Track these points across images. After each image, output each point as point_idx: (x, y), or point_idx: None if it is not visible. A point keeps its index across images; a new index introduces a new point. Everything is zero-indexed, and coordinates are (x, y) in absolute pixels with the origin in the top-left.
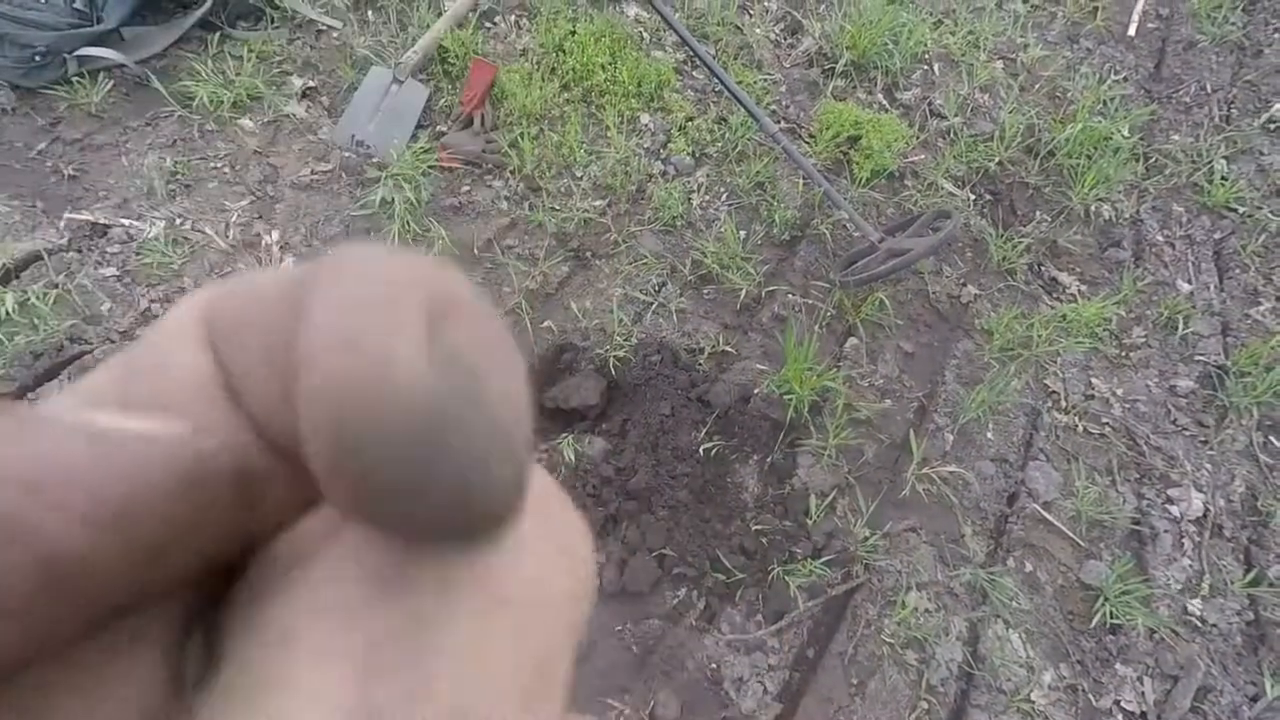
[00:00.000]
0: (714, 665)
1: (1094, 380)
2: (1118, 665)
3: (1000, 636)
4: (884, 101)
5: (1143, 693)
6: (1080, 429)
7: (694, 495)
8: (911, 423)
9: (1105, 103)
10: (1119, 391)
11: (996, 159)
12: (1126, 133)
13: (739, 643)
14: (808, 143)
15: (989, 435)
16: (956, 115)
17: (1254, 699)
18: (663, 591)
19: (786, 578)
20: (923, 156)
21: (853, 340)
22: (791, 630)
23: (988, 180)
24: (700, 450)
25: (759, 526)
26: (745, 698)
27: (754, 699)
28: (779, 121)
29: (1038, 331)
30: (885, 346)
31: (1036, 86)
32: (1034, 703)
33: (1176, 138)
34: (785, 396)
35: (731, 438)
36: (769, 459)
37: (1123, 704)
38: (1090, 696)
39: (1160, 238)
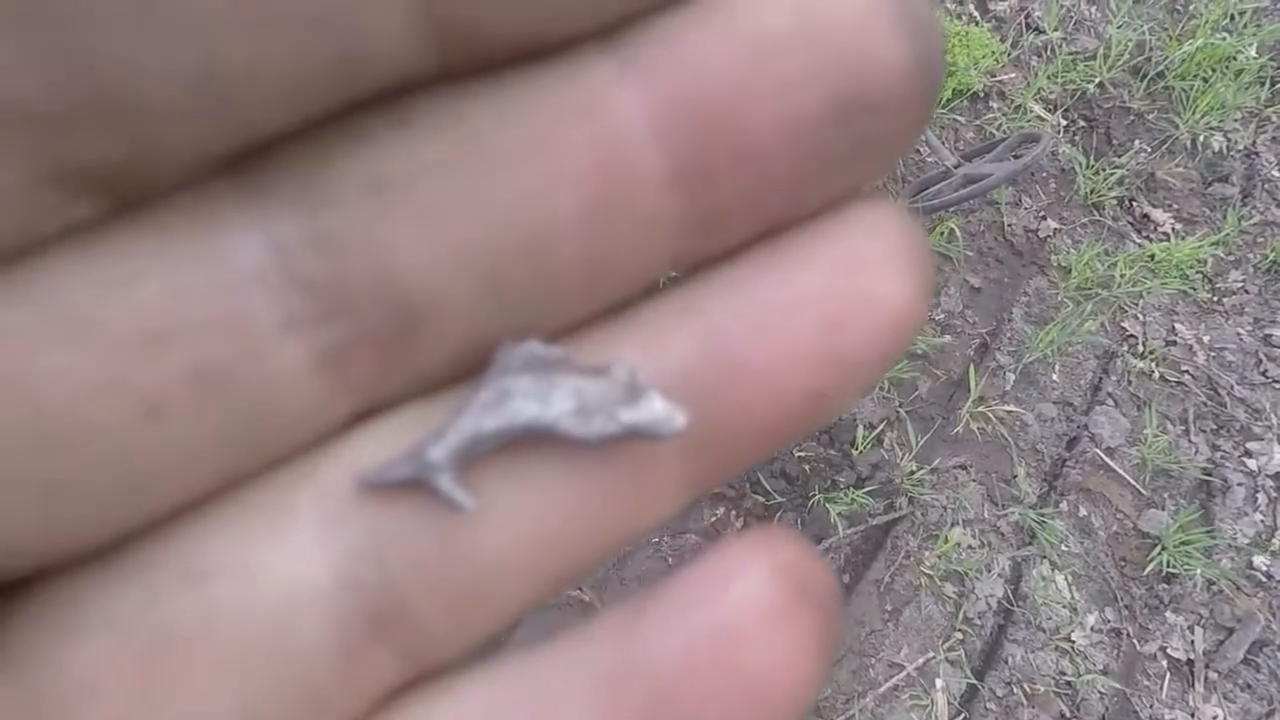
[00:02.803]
0: None
1: (1178, 325)
2: (1168, 613)
3: (1045, 577)
4: (975, 12)
5: (1192, 641)
6: (1157, 375)
7: None
8: (972, 359)
9: (1233, 17)
10: (1205, 338)
11: (1096, 80)
12: (1254, 53)
13: None
14: None
15: (1054, 377)
16: (1056, 29)
17: None
18: (701, 509)
19: (827, 505)
20: (1013, 75)
21: None
22: (828, 555)
23: (1083, 104)
24: None
25: (802, 453)
26: None
27: None
28: None
29: (1121, 271)
30: (951, 280)
31: None
32: (1074, 642)
33: None
34: None
35: None
36: None
37: (1169, 650)
38: (1135, 641)
39: (1276, 173)
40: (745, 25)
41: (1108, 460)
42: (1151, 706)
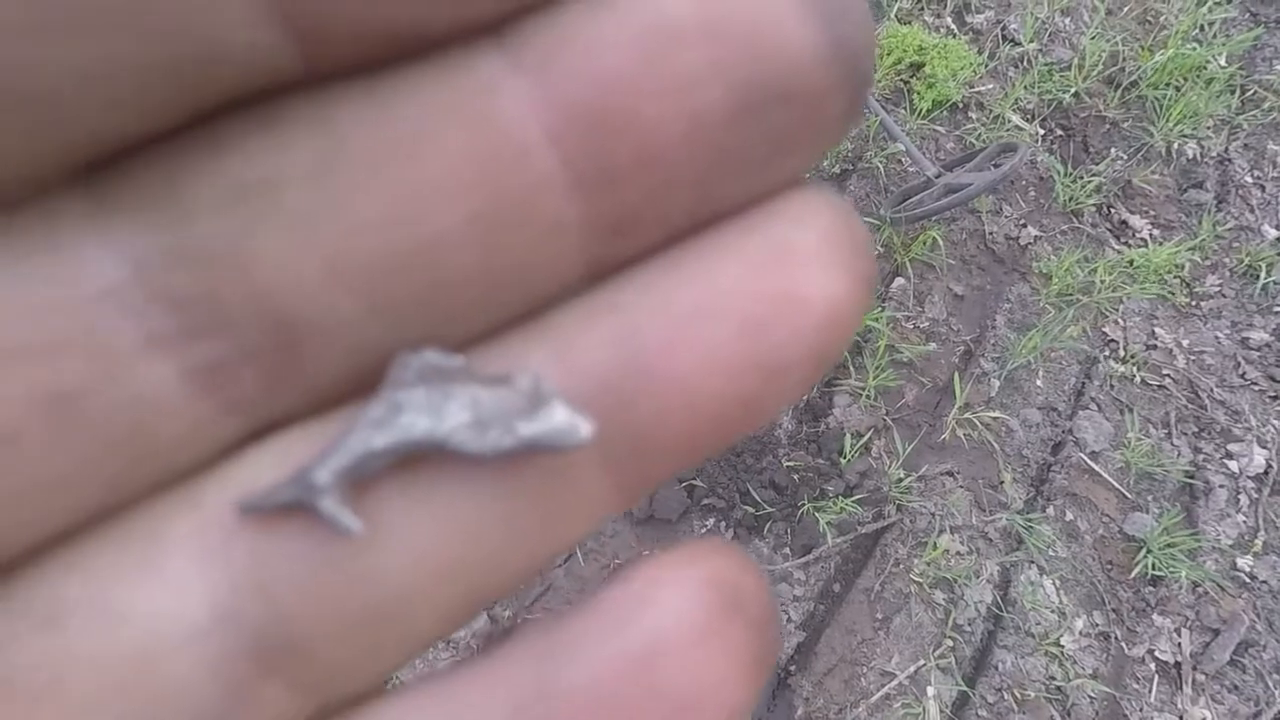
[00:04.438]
0: None
1: (1158, 330)
2: (1155, 616)
3: (1033, 582)
4: (953, 25)
5: (1179, 644)
6: (1138, 379)
7: None
8: (956, 366)
9: (1203, 27)
10: (1184, 342)
11: (1072, 90)
12: (1224, 62)
13: (765, 573)
14: None
15: (1038, 382)
16: (1032, 41)
17: None
18: (690, 520)
19: (816, 514)
20: (990, 86)
21: (900, 280)
22: (819, 564)
23: (1060, 113)
24: None
25: (791, 463)
26: None
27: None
28: None
29: (1101, 277)
30: (934, 288)
31: (1125, 9)
32: (1063, 647)
33: None
34: None
35: None
36: (805, 397)
37: (1156, 653)
38: (1123, 645)
39: (1249, 179)
40: (643, 16)
41: (1092, 464)
42: (1141, 710)
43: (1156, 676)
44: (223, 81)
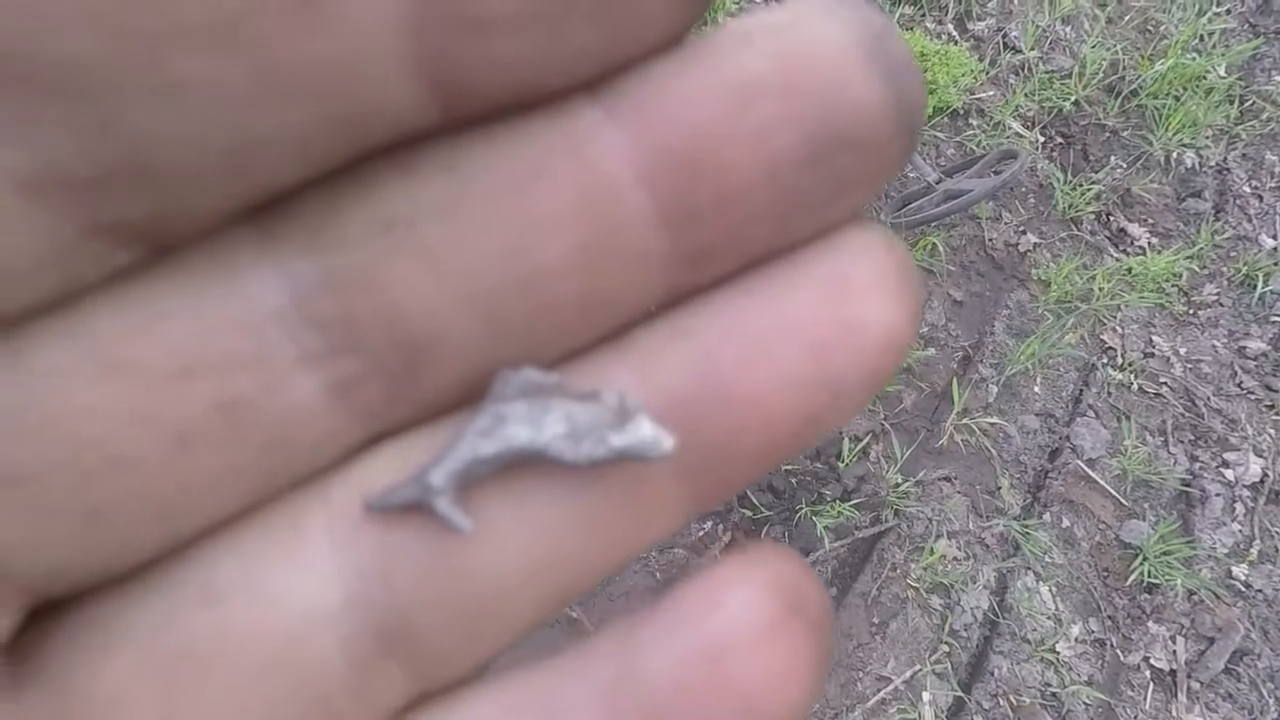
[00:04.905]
0: None
1: (1155, 338)
2: (1150, 623)
3: (1029, 588)
4: (954, 32)
5: (1174, 651)
6: (1135, 387)
7: None
8: (955, 372)
9: (1202, 37)
10: (1182, 350)
11: (1072, 98)
12: (1223, 72)
13: None
14: None
15: (1036, 389)
16: (1033, 49)
17: None
18: (689, 524)
19: (814, 518)
20: (991, 93)
21: None
22: (815, 569)
23: (1060, 121)
24: None
25: (789, 467)
26: None
27: None
28: None
29: (1099, 284)
30: (934, 293)
31: (1126, 18)
32: (1059, 653)
33: (1279, 77)
34: None
35: None
36: None
37: (1152, 661)
38: (1118, 652)
39: (1247, 188)
40: (726, 71)
41: (1089, 471)
42: (1136, 717)
43: (1151, 684)
44: (374, 135)
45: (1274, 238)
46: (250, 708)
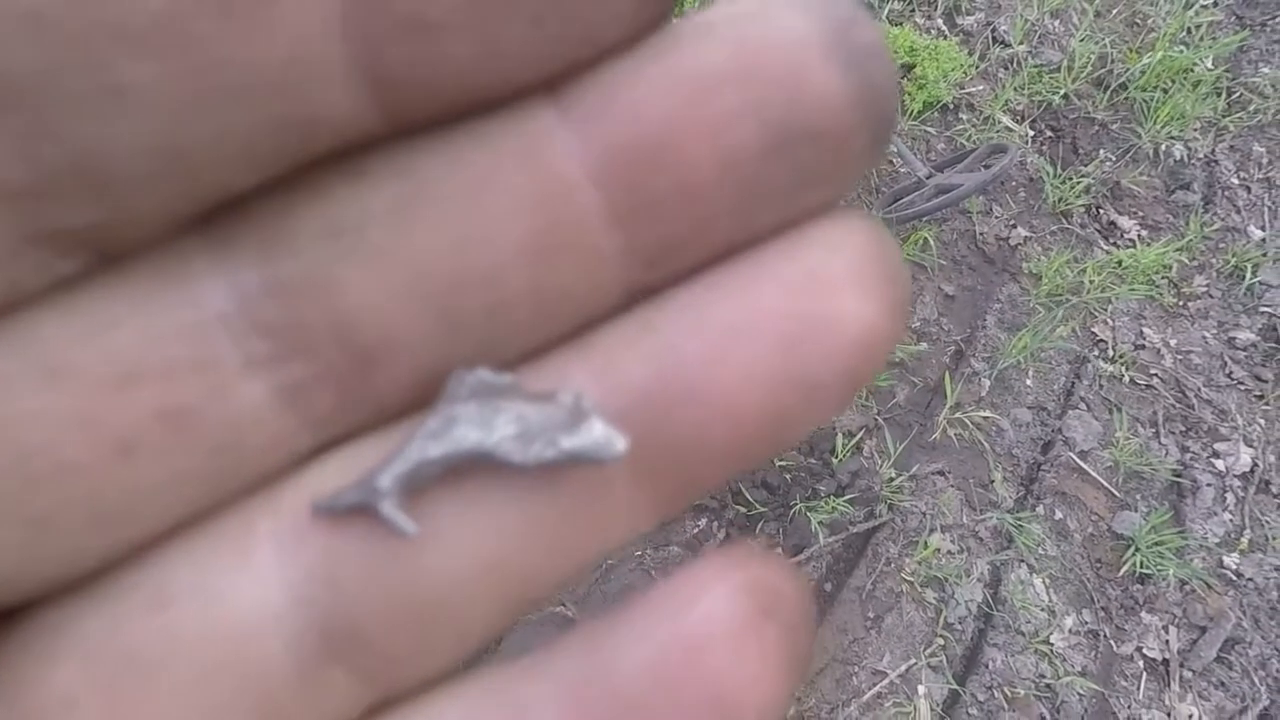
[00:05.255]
0: None
1: (1146, 330)
2: (1143, 614)
3: (1023, 580)
4: (943, 27)
5: (1167, 641)
6: (1127, 379)
7: None
8: (947, 366)
9: (1190, 30)
10: (1172, 342)
11: (1062, 92)
12: (1210, 64)
13: None
14: None
15: (1028, 382)
16: (1022, 43)
17: None
18: (683, 521)
19: (808, 513)
20: (981, 88)
21: None
22: (810, 564)
23: (1050, 115)
24: None
25: (783, 463)
26: None
27: None
28: None
29: (1090, 277)
30: (925, 288)
31: (1114, 12)
32: (1053, 645)
33: (1267, 70)
34: None
35: None
36: None
37: (1145, 651)
38: (1112, 642)
39: (1235, 180)
40: (685, 63)
41: (1081, 463)
42: (1129, 707)
43: (1144, 674)
44: (319, 139)
45: (1262, 229)
46: (197, 710)
